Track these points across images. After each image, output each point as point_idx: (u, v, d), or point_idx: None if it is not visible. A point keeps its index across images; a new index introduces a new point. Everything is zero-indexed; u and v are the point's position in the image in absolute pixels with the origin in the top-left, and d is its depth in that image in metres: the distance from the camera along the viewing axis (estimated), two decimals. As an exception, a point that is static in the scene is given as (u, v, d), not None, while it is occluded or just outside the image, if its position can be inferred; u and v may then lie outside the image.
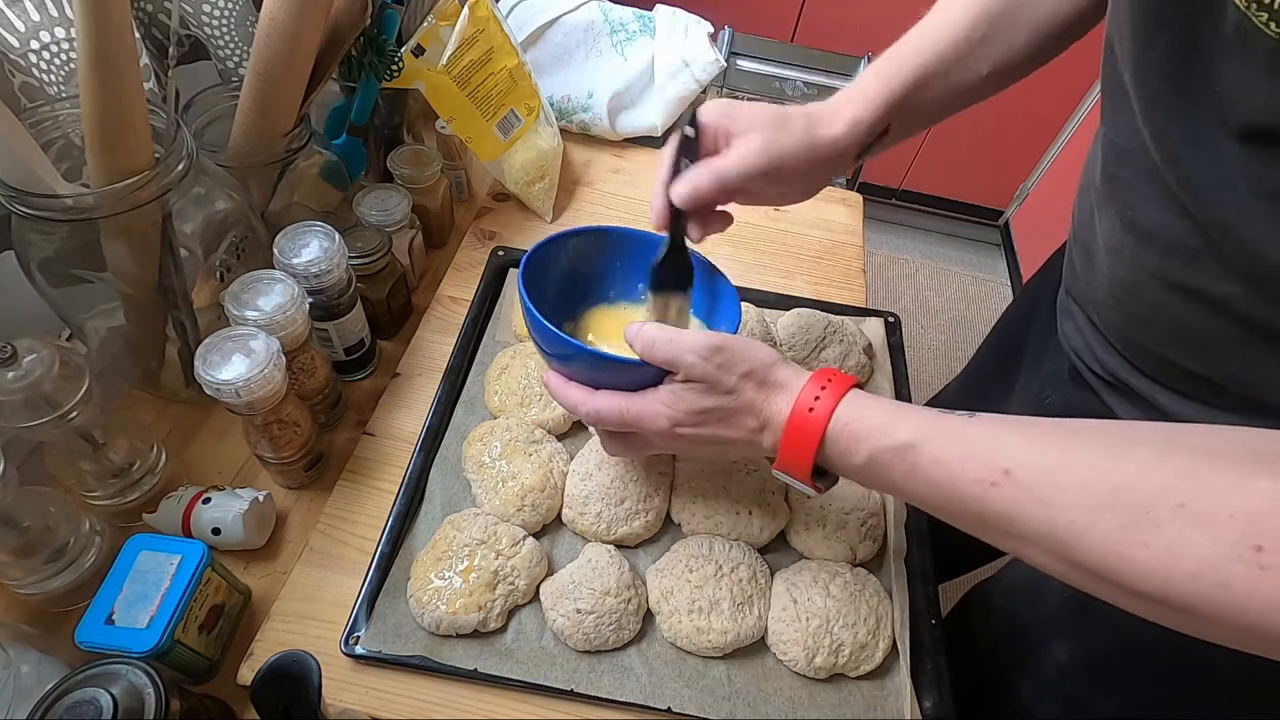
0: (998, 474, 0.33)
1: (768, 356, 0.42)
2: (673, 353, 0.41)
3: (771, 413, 0.41)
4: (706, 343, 0.41)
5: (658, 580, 0.53)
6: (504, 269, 0.71)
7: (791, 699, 0.50)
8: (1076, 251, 0.53)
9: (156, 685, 0.38)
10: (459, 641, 0.50)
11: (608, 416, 0.44)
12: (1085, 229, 0.51)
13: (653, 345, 0.42)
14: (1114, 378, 0.50)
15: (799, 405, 0.39)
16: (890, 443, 0.37)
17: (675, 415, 0.42)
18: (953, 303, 2.02)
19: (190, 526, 0.51)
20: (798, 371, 0.41)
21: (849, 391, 0.39)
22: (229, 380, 0.46)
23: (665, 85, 0.87)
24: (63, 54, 0.53)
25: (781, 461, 0.41)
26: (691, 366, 0.41)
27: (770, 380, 0.41)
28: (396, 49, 0.64)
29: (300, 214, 0.61)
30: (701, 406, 0.42)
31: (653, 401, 0.43)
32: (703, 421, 0.42)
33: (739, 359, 0.41)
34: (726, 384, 0.41)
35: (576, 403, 0.45)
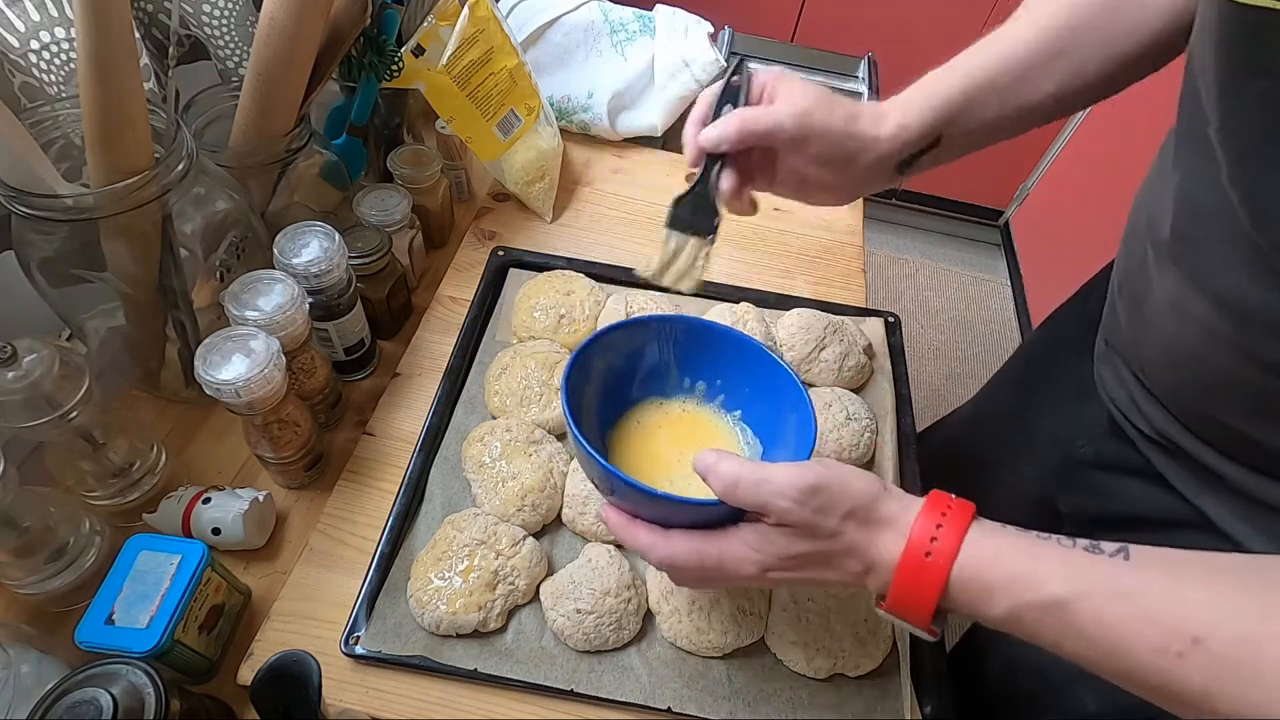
0: (1184, 643, 0.28)
1: (870, 490, 0.37)
2: (760, 497, 0.37)
3: (878, 555, 0.36)
4: (800, 484, 0.36)
5: (658, 580, 0.53)
6: (504, 269, 0.71)
7: (791, 699, 0.50)
8: (1122, 302, 0.49)
9: (156, 685, 0.38)
10: (459, 641, 0.50)
11: (685, 564, 0.40)
12: (1136, 280, 0.47)
13: (735, 487, 0.37)
14: (1162, 437, 0.47)
15: (913, 548, 0.35)
16: (1037, 598, 0.32)
17: (765, 561, 0.38)
18: (953, 303, 2.02)
19: (190, 526, 0.51)
20: (906, 504, 0.37)
21: (970, 528, 0.34)
22: (229, 380, 0.46)
23: (665, 85, 0.87)
24: (63, 54, 0.53)
25: (892, 606, 0.36)
26: (785, 512, 0.36)
27: (875, 518, 0.36)
28: (396, 49, 0.64)
29: (300, 214, 0.61)
30: (796, 552, 0.37)
31: (737, 544, 0.38)
32: (798, 566, 0.38)
33: (838, 499, 0.36)
34: (826, 528, 0.36)
35: (647, 547, 0.41)
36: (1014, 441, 0.66)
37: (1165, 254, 0.43)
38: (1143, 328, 0.46)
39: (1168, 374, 0.45)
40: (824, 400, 0.63)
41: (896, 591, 0.35)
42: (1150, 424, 0.48)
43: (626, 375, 0.52)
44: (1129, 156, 1.59)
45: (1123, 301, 0.50)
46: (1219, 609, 0.29)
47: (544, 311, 0.66)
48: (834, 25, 1.79)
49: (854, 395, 0.64)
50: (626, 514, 0.42)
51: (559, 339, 0.65)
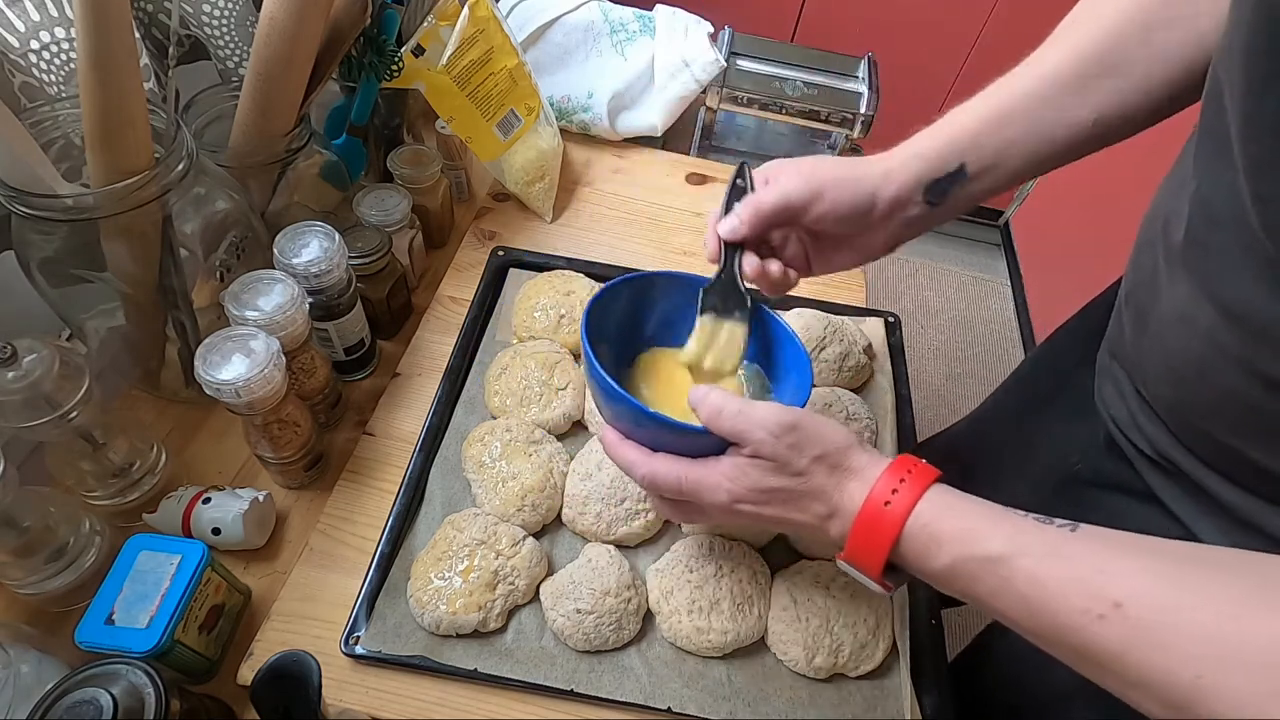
0: (1106, 605, 0.29)
1: (844, 439, 0.39)
2: (741, 425, 0.38)
3: (842, 501, 0.38)
4: (779, 419, 0.38)
5: (658, 580, 0.53)
6: (504, 269, 0.71)
7: (791, 699, 0.50)
8: (1128, 313, 0.49)
9: (156, 685, 0.38)
10: (459, 641, 0.50)
11: (663, 482, 0.41)
12: (1144, 290, 0.46)
13: (719, 414, 0.39)
14: (1161, 456, 0.47)
15: (873, 497, 0.36)
16: (979, 551, 0.33)
17: (736, 490, 0.40)
18: (953, 303, 2.02)
19: (190, 526, 0.51)
20: (875, 458, 0.38)
21: (931, 486, 0.36)
22: (229, 380, 0.46)
23: (665, 85, 0.87)
24: (63, 54, 0.53)
25: (849, 554, 0.38)
26: (760, 443, 0.38)
27: (844, 465, 0.38)
28: (396, 49, 0.64)
29: (300, 214, 0.61)
30: (766, 485, 0.39)
31: (713, 472, 0.40)
32: (766, 501, 0.39)
33: (813, 439, 0.38)
34: (796, 465, 0.38)
35: (631, 463, 0.43)
36: (1011, 456, 0.66)
37: (1177, 261, 0.42)
38: (1147, 340, 0.46)
39: (1169, 388, 0.45)
40: (824, 400, 0.63)
41: (854, 539, 0.37)
42: (1149, 442, 0.48)
43: (642, 321, 0.53)
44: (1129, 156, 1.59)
45: (1129, 312, 0.49)
46: (1145, 578, 0.30)
47: (544, 311, 0.66)
48: (834, 25, 1.79)
49: (854, 395, 0.64)
50: (621, 434, 0.44)
51: (559, 339, 0.65)
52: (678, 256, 0.78)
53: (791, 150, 1.02)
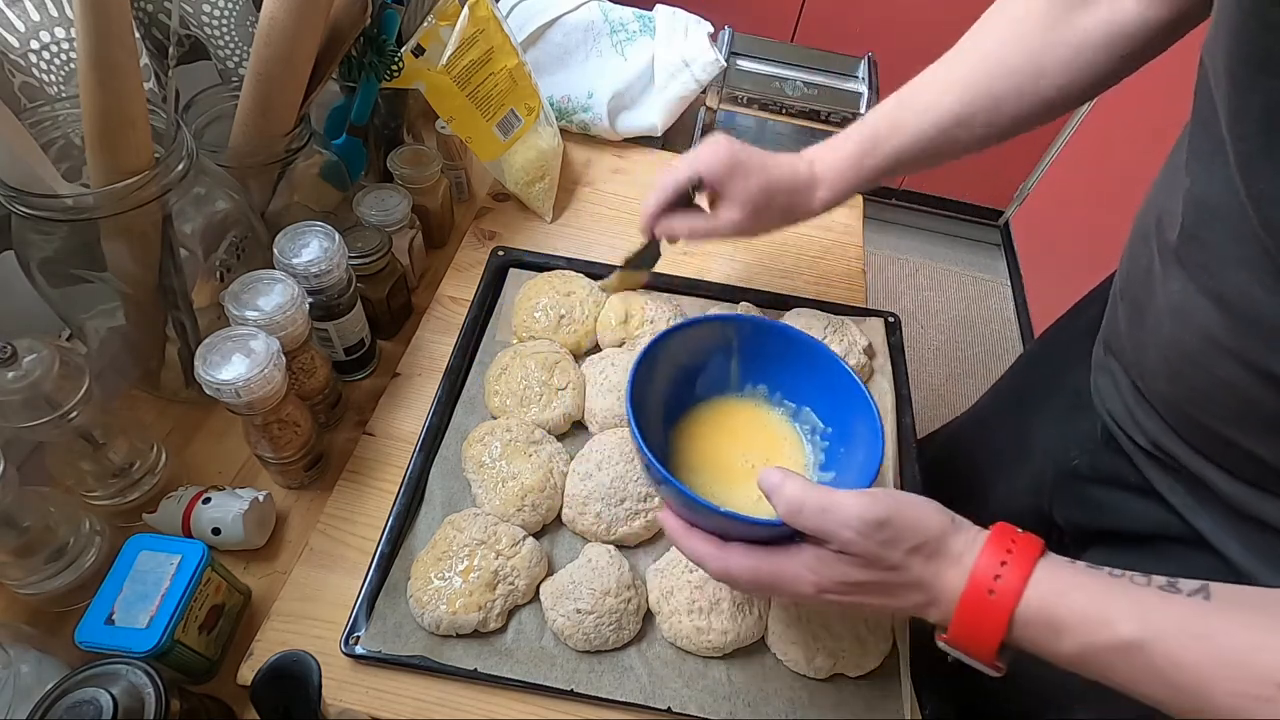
0: (1271, 688, 0.28)
1: (938, 525, 0.36)
2: (825, 525, 0.36)
3: (942, 589, 0.35)
4: (867, 515, 0.35)
5: (658, 580, 0.53)
6: (504, 269, 0.71)
7: (791, 699, 0.50)
8: (1124, 306, 0.49)
9: (156, 685, 0.38)
10: (459, 641, 0.50)
11: (739, 577, 0.39)
12: (1138, 285, 0.46)
13: (799, 512, 0.36)
14: (1158, 449, 0.47)
15: (975, 585, 0.34)
16: (1109, 638, 0.32)
17: (822, 583, 0.37)
18: (953, 303, 2.02)
19: (190, 526, 0.51)
20: (972, 538, 0.36)
21: (1037, 564, 0.34)
22: (229, 380, 0.46)
23: (665, 85, 0.87)
24: (63, 54, 0.53)
25: (954, 641, 0.36)
26: (849, 543, 0.35)
27: (941, 552, 0.36)
28: (396, 49, 0.64)
29: (300, 214, 0.61)
30: (856, 580, 0.36)
31: (795, 565, 0.38)
32: (855, 591, 0.37)
33: (906, 532, 0.35)
34: (890, 560, 0.35)
35: (702, 558, 0.40)
36: (1009, 453, 0.66)
37: (1172, 256, 0.42)
38: (1143, 333, 0.46)
39: (1165, 381, 0.45)
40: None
41: (957, 627, 0.35)
42: (1146, 435, 0.48)
43: (691, 373, 0.52)
44: (1129, 156, 1.59)
45: (1124, 307, 0.49)
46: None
47: (544, 312, 0.66)
48: (834, 25, 1.79)
49: (854, 395, 0.64)
50: (684, 521, 0.42)
51: (559, 339, 0.65)
52: (678, 256, 0.78)
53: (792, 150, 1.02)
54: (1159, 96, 1.49)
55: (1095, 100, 1.75)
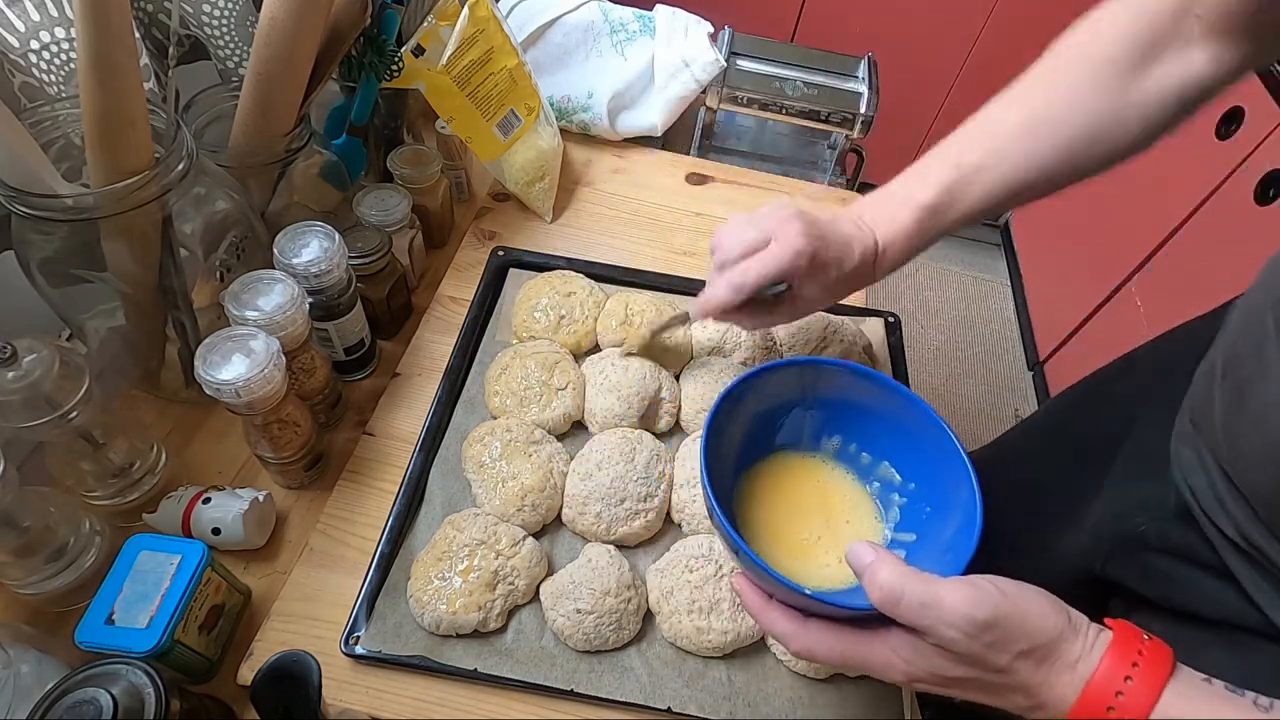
0: None
1: (1055, 628, 0.33)
2: (926, 621, 0.33)
3: (1052, 698, 0.32)
4: (976, 616, 0.32)
5: (658, 580, 0.53)
6: (504, 269, 0.71)
7: (791, 699, 0.50)
8: (1224, 386, 0.45)
9: (156, 685, 0.38)
10: (459, 641, 0.50)
11: (822, 657, 0.37)
12: (1247, 364, 0.42)
13: (897, 603, 0.33)
14: (1244, 540, 0.43)
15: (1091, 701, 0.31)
16: None
17: (915, 673, 0.35)
18: (953, 303, 2.02)
19: (190, 526, 0.51)
20: (1091, 641, 0.33)
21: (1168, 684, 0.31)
22: (229, 380, 0.46)
23: (665, 85, 0.87)
24: (63, 54, 0.53)
25: None
26: (952, 642, 0.33)
27: (1055, 656, 0.33)
28: (396, 49, 0.64)
29: (300, 214, 0.61)
30: (954, 675, 0.34)
31: (885, 651, 0.35)
32: (950, 685, 0.34)
33: (1016, 636, 0.32)
34: (995, 663, 0.33)
35: (784, 636, 0.38)
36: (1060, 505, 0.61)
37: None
38: (1243, 420, 0.42)
39: (1264, 474, 0.41)
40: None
41: None
42: (1233, 523, 0.44)
43: (759, 424, 0.50)
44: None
45: (1225, 386, 0.45)
46: None
47: (544, 312, 0.66)
48: (834, 25, 1.79)
49: (854, 395, 0.64)
50: (762, 593, 0.40)
51: (559, 339, 0.65)
52: (678, 257, 0.78)
53: (792, 150, 1.02)
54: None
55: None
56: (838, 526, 0.49)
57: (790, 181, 0.90)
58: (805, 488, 0.51)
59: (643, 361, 0.62)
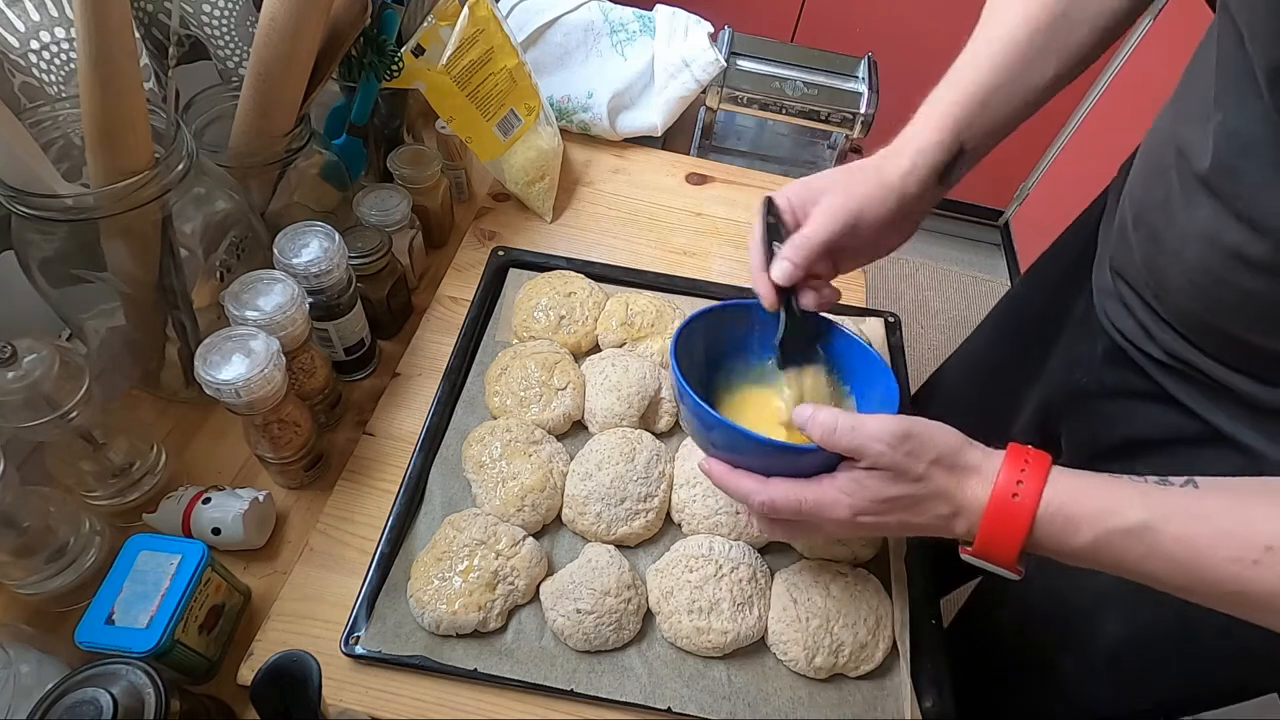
0: (1258, 551, 0.33)
1: (955, 439, 0.40)
2: (856, 440, 0.39)
3: (965, 499, 0.39)
4: (893, 429, 0.39)
5: (658, 580, 0.53)
6: (504, 269, 0.71)
7: (791, 699, 0.50)
8: (1139, 235, 0.51)
9: (156, 685, 0.38)
10: (459, 641, 0.50)
11: (783, 507, 0.42)
12: (1157, 213, 0.49)
13: (833, 432, 0.40)
14: (1174, 358, 0.50)
15: (999, 491, 0.38)
16: (1120, 524, 0.35)
17: (857, 504, 0.40)
18: (953, 303, 2.02)
19: (190, 526, 0.51)
20: (988, 453, 0.40)
21: (1050, 471, 0.38)
22: (229, 380, 0.46)
23: (665, 85, 0.87)
24: (63, 54, 0.53)
25: (981, 548, 0.39)
26: (879, 455, 0.39)
27: (961, 464, 0.39)
28: (396, 49, 0.64)
29: (300, 214, 0.61)
30: (887, 495, 0.40)
31: (831, 489, 0.41)
32: (888, 510, 0.40)
33: (927, 444, 0.39)
34: (915, 471, 0.39)
35: (748, 493, 0.43)
36: (1015, 388, 0.69)
37: (1198, 186, 0.44)
38: (1162, 257, 0.48)
39: (1188, 299, 0.47)
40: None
41: (985, 533, 0.38)
42: (1161, 348, 0.50)
43: (721, 357, 0.53)
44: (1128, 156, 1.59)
45: (1139, 234, 0.51)
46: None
47: (544, 312, 0.66)
48: (834, 25, 1.79)
49: (854, 395, 0.64)
50: (728, 464, 0.45)
51: (559, 339, 0.65)
52: (678, 256, 0.78)
53: (791, 150, 1.02)
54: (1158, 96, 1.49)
55: (1094, 101, 1.75)
56: None
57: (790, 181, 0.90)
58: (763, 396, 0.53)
59: (643, 361, 0.62)
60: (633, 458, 0.56)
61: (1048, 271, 0.71)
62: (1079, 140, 1.84)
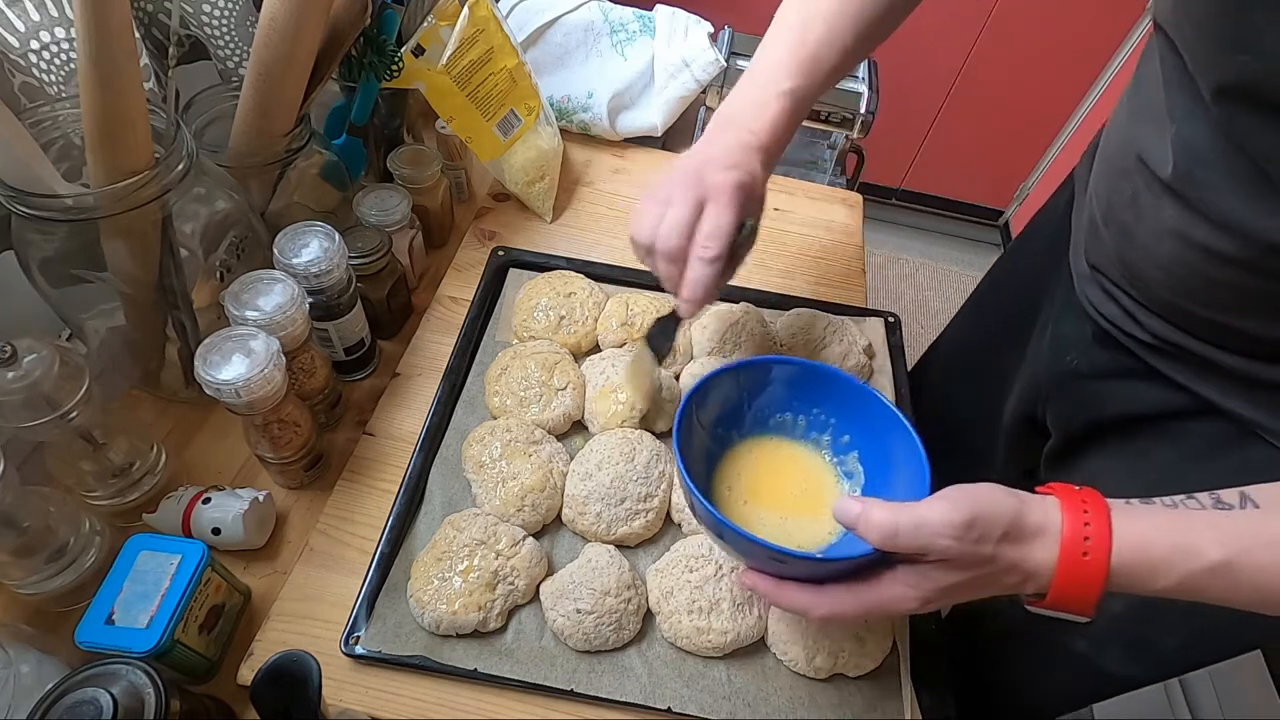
0: None
1: (1013, 505, 0.38)
2: (921, 540, 0.37)
3: (1035, 566, 0.37)
4: (956, 520, 0.36)
5: (658, 580, 0.53)
6: (504, 269, 0.71)
7: (791, 699, 0.50)
8: (1110, 230, 0.52)
9: (156, 685, 0.38)
10: (459, 641, 0.50)
11: (847, 615, 0.40)
12: (1124, 211, 0.50)
13: (895, 536, 0.37)
14: (1161, 341, 0.51)
15: (1068, 552, 0.36)
16: (1201, 565, 0.35)
17: (925, 595, 0.39)
18: (953, 303, 2.02)
19: (190, 526, 0.51)
20: (1045, 507, 0.38)
21: (1112, 518, 0.37)
22: (229, 380, 0.46)
23: (665, 85, 0.87)
24: (63, 54, 0.53)
25: (1053, 604, 0.38)
26: (946, 550, 0.37)
27: (1026, 533, 0.37)
28: (396, 49, 0.64)
29: (300, 214, 0.61)
30: (956, 582, 0.38)
31: (897, 588, 0.39)
32: (956, 593, 0.39)
33: (993, 525, 0.37)
34: (984, 555, 0.37)
35: (805, 608, 0.41)
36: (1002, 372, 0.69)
37: (1163, 190, 0.45)
38: (1136, 252, 0.49)
39: (1167, 291, 0.48)
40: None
41: (1058, 591, 0.37)
42: (1148, 332, 0.51)
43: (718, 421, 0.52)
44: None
45: (1111, 230, 0.52)
46: None
47: (544, 312, 0.66)
48: (834, 25, 1.78)
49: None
50: (772, 577, 0.43)
51: (559, 339, 0.65)
52: (678, 256, 0.78)
53: (791, 150, 1.02)
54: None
55: (1094, 101, 1.75)
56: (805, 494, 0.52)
57: (790, 181, 0.90)
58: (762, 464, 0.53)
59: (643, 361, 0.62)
60: (633, 458, 0.56)
61: (1023, 256, 0.72)
62: (1079, 140, 1.84)
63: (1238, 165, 0.40)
